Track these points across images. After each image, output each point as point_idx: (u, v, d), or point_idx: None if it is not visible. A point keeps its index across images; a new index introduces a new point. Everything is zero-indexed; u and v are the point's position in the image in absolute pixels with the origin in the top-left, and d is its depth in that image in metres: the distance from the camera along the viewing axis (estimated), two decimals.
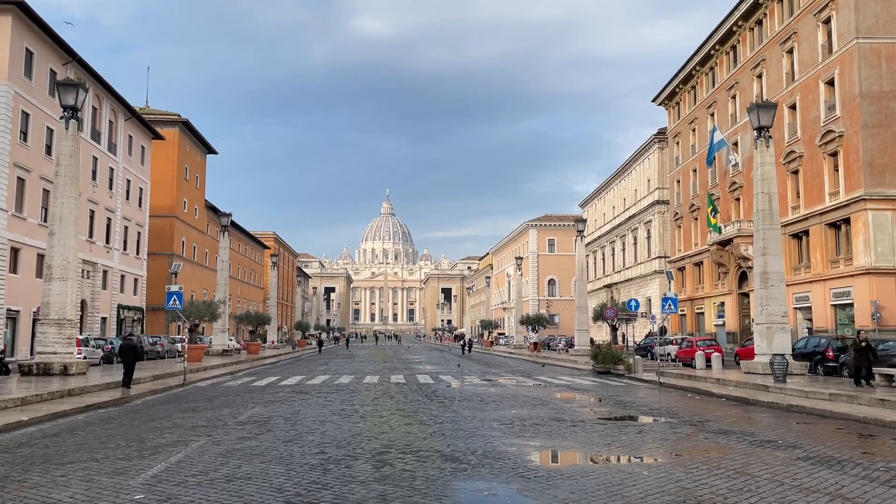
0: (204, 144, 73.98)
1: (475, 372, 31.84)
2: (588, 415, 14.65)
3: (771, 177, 25.13)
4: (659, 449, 10.27)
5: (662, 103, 63.76)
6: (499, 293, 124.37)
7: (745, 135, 47.56)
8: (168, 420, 13.54)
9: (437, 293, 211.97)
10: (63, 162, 22.89)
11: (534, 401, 17.64)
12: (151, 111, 67.98)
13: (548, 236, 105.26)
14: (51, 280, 22.37)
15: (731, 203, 49.76)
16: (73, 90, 23.11)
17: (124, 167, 53.45)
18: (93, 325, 48.80)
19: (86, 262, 47.10)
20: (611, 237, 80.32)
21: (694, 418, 13.96)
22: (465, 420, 13.43)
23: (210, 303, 35.94)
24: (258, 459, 9.12)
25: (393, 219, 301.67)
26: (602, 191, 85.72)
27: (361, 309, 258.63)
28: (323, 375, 28.31)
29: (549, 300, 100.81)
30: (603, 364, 29.62)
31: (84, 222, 46.61)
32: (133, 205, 55.90)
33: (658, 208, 64.99)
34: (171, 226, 65.55)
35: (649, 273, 66.36)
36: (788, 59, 42.37)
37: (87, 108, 46.75)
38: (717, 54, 52.11)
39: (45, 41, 40.44)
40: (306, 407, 15.94)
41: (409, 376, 27.89)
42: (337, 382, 24.24)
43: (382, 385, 23.02)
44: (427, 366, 38.03)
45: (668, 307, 24.37)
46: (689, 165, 57.60)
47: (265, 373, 30.61)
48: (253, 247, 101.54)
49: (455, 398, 18.26)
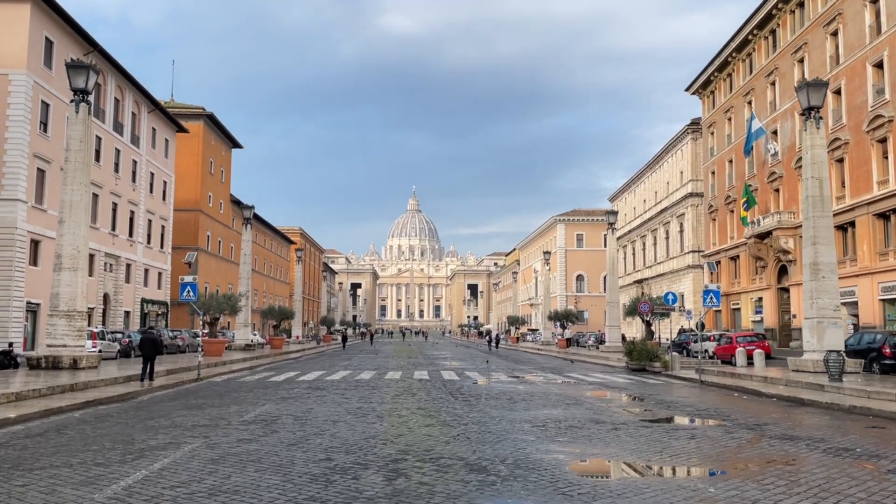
0: (229, 138, 73.44)
1: (502, 368, 30.48)
2: (629, 416, 13.23)
3: (821, 160, 23.36)
4: (720, 459, 8.83)
5: (696, 92, 61.60)
6: (526, 289, 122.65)
7: (786, 122, 45.48)
8: (168, 418, 12.41)
9: (464, 289, 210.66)
10: (73, 147, 21.97)
11: (567, 399, 16.24)
12: (176, 105, 67.55)
13: (576, 231, 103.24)
14: (60, 270, 21.47)
15: (770, 194, 47.64)
16: (84, 72, 22.18)
17: (147, 160, 52.90)
18: (116, 319, 48.32)
19: (108, 255, 46.61)
20: (641, 231, 78.22)
21: (749, 421, 12.47)
22: (493, 421, 12.09)
23: (230, 296, 35.00)
24: (253, 467, 7.88)
25: (419, 215, 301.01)
26: (632, 184, 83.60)
27: (388, 305, 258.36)
28: (344, 371, 27.17)
29: (577, 296, 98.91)
30: (638, 361, 28.06)
31: (107, 215, 46.12)
32: (157, 198, 55.37)
33: (691, 201, 62.86)
34: (195, 220, 65.06)
35: (682, 268, 64.28)
36: (832, 41, 40.20)
37: (108, 99, 46.24)
38: (755, 39, 49.94)
39: (66, 30, 39.81)
40: (320, 405, 14.73)
41: (433, 373, 26.63)
42: (357, 378, 23.05)
43: (404, 382, 21.78)
44: (452, 362, 36.75)
45: (710, 300, 22.74)
46: (725, 156, 55.48)
47: (285, 368, 29.56)
48: (279, 242, 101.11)
49: (482, 396, 16.94)
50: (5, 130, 35.90)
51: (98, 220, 44.85)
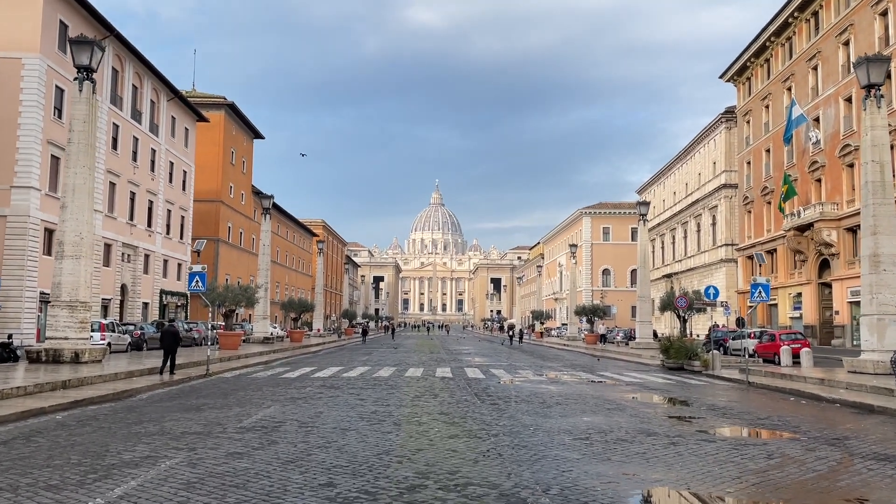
0: (250, 129, 72.43)
1: (529, 366, 28.84)
2: (683, 426, 11.55)
3: (883, 143, 21.34)
4: (818, 490, 7.13)
5: (731, 79, 59.20)
6: (550, 283, 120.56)
7: (829, 109, 43.12)
8: (158, 423, 10.98)
9: (487, 283, 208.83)
10: (76, 128, 20.70)
11: (607, 404, 14.57)
12: (197, 94, 66.63)
13: (602, 224, 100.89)
14: (62, 258, 20.23)
15: (811, 184, 45.33)
16: (88, 48, 20.89)
17: (167, 149, 51.89)
18: (134, 311, 47.43)
19: (126, 245, 45.67)
20: (671, 224, 75.88)
21: (825, 434, 10.73)
22: (527, 431, 10.49)
23: (247, 287, 33.74)
24: (234, 497, 6.36)
25: (442, 209, 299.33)
26: (661, 176, 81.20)
27: (410, 299, 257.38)
28: (362, 367, 25.72)
29: (603, 290, 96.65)
30: (675, 359, 26.24)
31: (124, 205, 45.16)
32: (177, 188, 54.39)
33: (725, 192, 60.52)
34: (216, 210, 64.15)
35: (714, 262, 62.00)
36: (881, 21, 37.84)
37: (126, 86, 45.22)
38: (796, 22, 47.54)
39: (81, 14, 38.68)
40: (332, 407, 13.23)
41: (456, 370, 25.08)
42: (375, 376, 21.56)
43: (426, 380, 20.25)
44: (476, 358, 35.18)
45: (759, 294, 20.86)
46: (762, 145, 53.12)
47: (301, 363, 28.21)
48: (301, 234, 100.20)
49: (511, 398, 15.34)
50: (18, 116, 34.92)
51: (115, 209, 43.91)
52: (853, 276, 40.45)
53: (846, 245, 41.27)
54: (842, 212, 41.30)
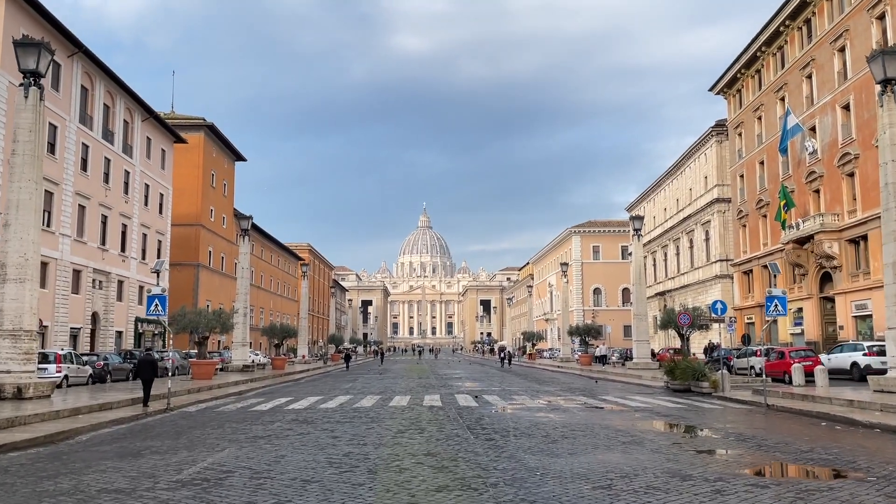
0: (232, 151, 70.56)
1: (524, 390, 26.84)
2: (719, 464, 9.64)
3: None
4: None
5: (721, 92, 58.06)
6: (540, 304, 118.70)
7: (825, 117, 41.80)
8: (77, 477, 8.90)
9: (476, 305, 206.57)
10: (22, 138, 18.71)
11: (619, 435, 12.63)
12: (177, 116, 64.80)
13: (592, 243, 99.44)
14: (5, 282, 18.12)
15: (809, 196, 43.88)
16: (34, 51, 19.03)
17: (142, 170, 49.86)
18: (106, 340, 45.08)
19: (98, 271, 43.45)
20: (662, 241, 74.37)
21: (890, 469, 8.85)
22: (533, 477, 8.53)
23: (221, 312, 31.58)
24: None
25: (430, 232, 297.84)
26: (651, 192, 79.85)
27: (400, 323, 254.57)
28: (343, 396, 23.62)
29: (595, 310, 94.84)
30: (682, 380, 24.36)
31: (95, 229, 43.01)
32: (153, 211, 52.28)
33: (718, 207, 59.09)
34: (196, 234, 62.02)
35: (709, 278, 60.39)
36: (879, 25, 36.64)
37: (97, 105, 43.29)
38: (787, 31, 46.44)
39: (47, 29, 36.76)
40: (297, 449, 11.18)
41: (446, 397, 23.06)
42: (357, 406, 19.50)
43: (412, 410, 18.22)
44: (467, 382, 33.14)
45: (775, 308, 19.04)
46: (755, 157, 51.80)
47: (278, 392, 26.07)
48: (287, 259, 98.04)
49: (509, 431, 13.37)
50: None
51: (86, 233, 41.75)
52: (857, 289, 38.89)
53: (849, 257, 39.72)
54: (843, 223, 39.81)
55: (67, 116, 39.40)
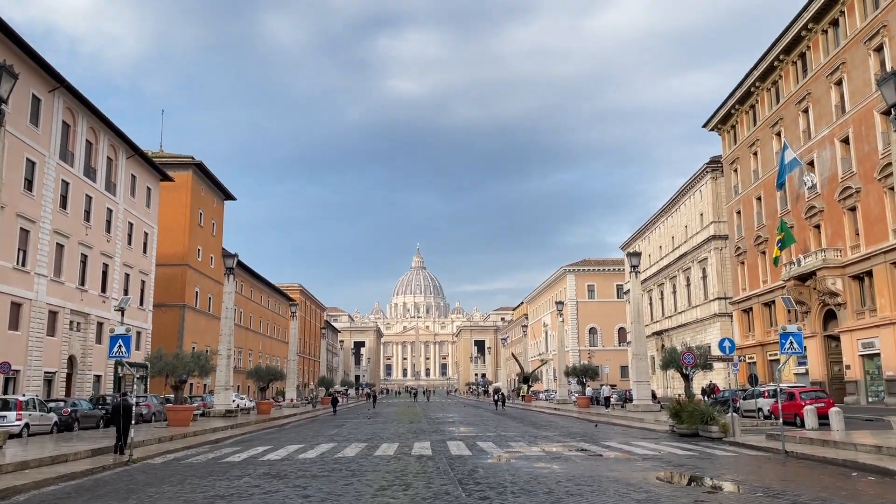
0: (221, 190, 69.50)
1: (521, 435, 25.22)
2: None
3: None
4: None
5: (715, 128, 57.57)
6: (535, 344, 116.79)
7: (824, 151, 41.03)
8: None
9: (470, 346, 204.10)
10: None
11: (632, 491, 11.13)
12: (164, 154, 63.89)
13: (587, 282, 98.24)
14: None
15: (809, 231, 42.85)
16: None
17: (125, 209, 48.57)
18: (84, 385, 43.20)
19: (76, 312, 41.81)
20: (658, 279, 73.16)
21: None
22: None
23: (200, 354, 29.92)
24: None
25: (424, 272, 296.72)
26: (646, 230, 78.94)
27: (393, 364, 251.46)
28: (327, 444, 21.96)
29: (591, 350, 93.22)
30: (689, 424, 22.82)
31: (74, 268, 41.51)
32: (136, 251, 50.82)
33: (715, 244, 58.06)
34: (182, 275, 60.48)
35: (707, 317, 59.04)
36: (877, 57, 36.08)
37: (79, 141, 42.21)
38: (782, 66, 46.02)
39: (28, 64, 35.91)
40: None
41: (437, 444, 21.44)
42: (339, 456, 17.88)
43: (399, 460, 16.63)
44: (461, 427, 31.43)
45: (791, 346, 17.63)
46: (752, 193, 50.96)
47: (258, 440, 24.36)
48: (277, 299, 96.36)
49: (506, 487, 11.84)
50: None
51: (63, 273, 40.21)
52: (863, 326, 37.56)
53: (853, 294, 38.50)
54: (846, 258, 38.70)
55: (47, 152, 38.23)
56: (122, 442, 18.00)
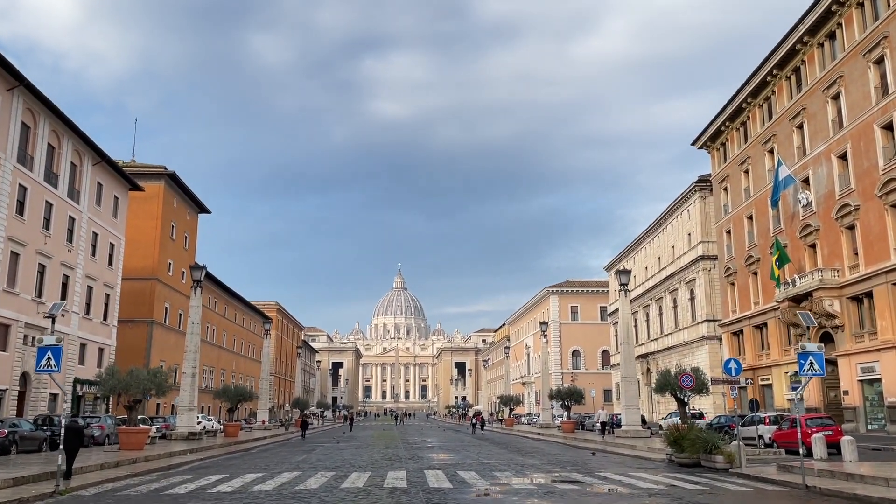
0: (195, 202, 67.07)
1: (506, 464, 23.02)
2: None
3: None
4: None
5: (704, 146, 56.27)
6: (517, 366, 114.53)
7: (820, 167, 39.63)
8: None
9: (451, 368, 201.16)
10: None
11: None
12: (136, 164, 61.46)
13: (570, 303, 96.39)
14: None
15: (804, 251, 41.32)
16: None
17: (90, 218, 46.02)
18: (38, 404, 40.34)
19: (31, 326, 39.00)
20: (644, 301, 71.42)
21: None
22: None
23: (157, 372, 27.44)
24: None
25: (405, 293, 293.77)
26: (631, 251, 77.36)
27: (372, 386, 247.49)
28: (290, 473, 19.61)
29: (574, 373, 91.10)
30: (690, 453, 20.78)
31: (30, 279, 38.85)
32: (101, 262, 48.18)
33: (703, 264, 56.44)
34: (151, 289, 57.80)
35: (695, 339, 57.26)
36: (877, 70, 34.79)
37: (40, 145, 39.79)
38: (775, 81, 44.77)
39: None
40: None
41: (414, 473, 19.21)
42: (299, 488, 15.61)
43: (368, 494, 14.42)
44: (440, 453, 29.15)
45: (810, 367, 15.72)
46: (743, 212, 49.50)
47: (215, 467, 21.94)
48: (253, 317, 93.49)
49: None
50: None
51: (18, 283, 37.55)
52: (863, 350, 35.87)
53: (851, 316, 36.88)
54: (844, 279, 37.10)
55: (3, 154, 35.81)
56: (68, 468, 16.66)
